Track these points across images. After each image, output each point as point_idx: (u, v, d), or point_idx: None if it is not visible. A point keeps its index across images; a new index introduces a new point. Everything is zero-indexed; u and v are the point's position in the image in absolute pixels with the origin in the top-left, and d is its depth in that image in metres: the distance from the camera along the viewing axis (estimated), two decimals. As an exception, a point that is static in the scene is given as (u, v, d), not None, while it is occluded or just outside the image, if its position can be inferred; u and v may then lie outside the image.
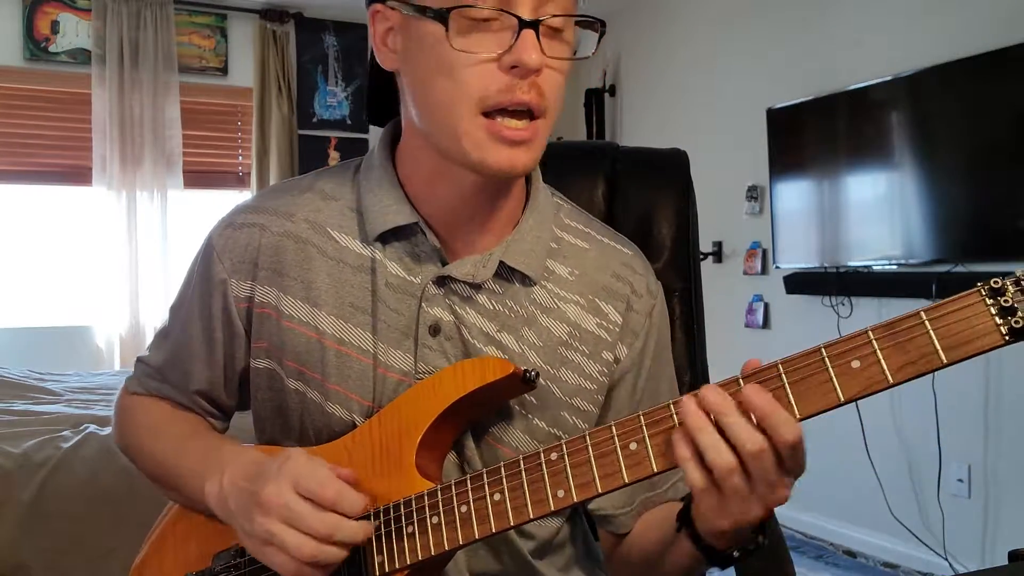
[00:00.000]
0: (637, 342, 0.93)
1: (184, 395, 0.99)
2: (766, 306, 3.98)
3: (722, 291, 3.98)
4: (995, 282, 0.63)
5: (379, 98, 0.95)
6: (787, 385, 0.67)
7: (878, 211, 3.37)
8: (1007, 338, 0.63)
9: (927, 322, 0.64)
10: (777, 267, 3.82)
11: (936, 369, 0.65)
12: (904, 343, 0.65)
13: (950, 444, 3.19)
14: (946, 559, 3.20)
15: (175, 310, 1.00)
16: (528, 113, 0.79)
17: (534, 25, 0.76)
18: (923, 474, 3.29)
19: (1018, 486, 3.03)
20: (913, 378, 0.66)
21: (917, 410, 3.25)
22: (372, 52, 0.88)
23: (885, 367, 0.65)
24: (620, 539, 0.96)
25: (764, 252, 3.99)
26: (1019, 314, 0.62)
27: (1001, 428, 3.07)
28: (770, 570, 1.09)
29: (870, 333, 0.66)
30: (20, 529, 2.09)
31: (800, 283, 3.68)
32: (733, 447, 0.67)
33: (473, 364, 0.84)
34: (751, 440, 0.67)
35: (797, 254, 3.73)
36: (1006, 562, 0.94)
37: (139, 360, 1.03)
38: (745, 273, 4.07)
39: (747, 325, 4.02)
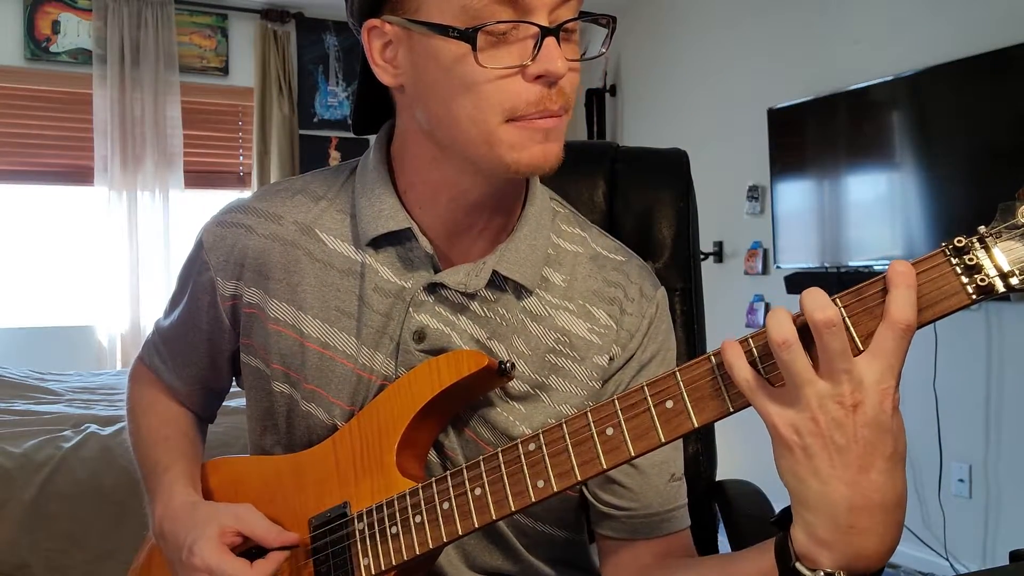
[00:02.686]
0: (632, 342, 0.92)
1: (178, 378, 1.03)
2: (767, 306, 3.98)
3: (723, 291, 3.98)
4: (959, 241, 0.61)
5: (367, 108, 0.94)
6: (758, 360, 0.66)
7: (879, 211, 3.37)
8: (974, 296, 0.61)
9: None
10: (778, 267, 3.82)
11: None
12: (873, 308, 0.63)
13: (951, 444, 3.19)
14: (947, 559, 3.20)
15: (179, 283, 1.02)
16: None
17: (555, 32, 0.76)
18: (924, 474, 3.29)
19: (1019, 486, 3.03)
20: None
21: (918, 410, 3.24)
22: (363, 64, 0.87)
23: (855, 335, 0.63)
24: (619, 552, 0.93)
25: (765, 252, 3.99)
26: (984, 272, 0.60)
27: (1002, 428, 3.07)
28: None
29: (838, 300, 0.64)
30: (21, 529, 2.09)
31: (801, 283, 3.68)
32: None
33: (448, 359, 0.84)
34: (820, 307, 0.62)
35: (798, 254, 3.73)
36: (1007, 562, 0.94)
37: (155, 324, 1.07)
38: (746, 273, 4.07)
39: (748, 325, 4.01)
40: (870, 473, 0.62)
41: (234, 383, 1.06)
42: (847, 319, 0.63)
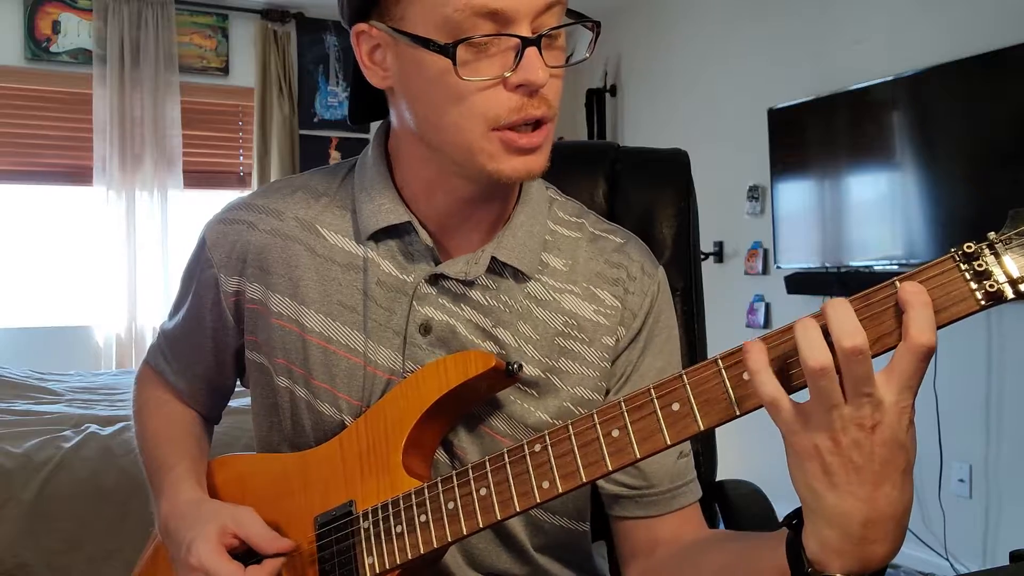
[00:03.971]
0: (636, 321, 0.93)
1: (184, 378, 1.04)
2: (767, 306, 3.98)
3: (723, 291, 3.98)
4: (968, 247, 0.61)
5: (363, 101, 0.95)
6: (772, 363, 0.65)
7: (879, 211, 3.37)
8: (983, 303, 0.60)
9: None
10: (778, 267, 3.82)
11: None
12: (880, 314, 0.63)
13: (951, 444, 3.19)
14: (947, 559, 3.20)
15: (183, 283, 1.02)
16: (537, 122, 0.80)
17: (536, 42, 0.76)
18: (924, 474, 3.29)
19: (1019, 486, 3.03)
20: (890, 350, 0.63)
21: (918, 410, 3.21)
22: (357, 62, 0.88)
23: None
24: (644, 537, 0.93)
25: (765, 252, 3.99)
26: (994, 278, 0.60)
27: (1002, 428, 3.07)
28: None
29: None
30: (22, 529, 2.09)
31: (801, 283, 3.68)
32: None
33: (455, 359, 0.84)
34: (850, 334, 0.60)
35: (798, 254, 3.73)
36: (1007, 562, 0.94)
37: (160, 327, 1.08)
38: (746, 273, 4.07)
39: (748, 325, 4.02)
40: (884, 487, 0.63)
41: (238, 384, 1.06)
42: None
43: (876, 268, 3.39)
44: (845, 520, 0.63)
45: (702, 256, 1.37)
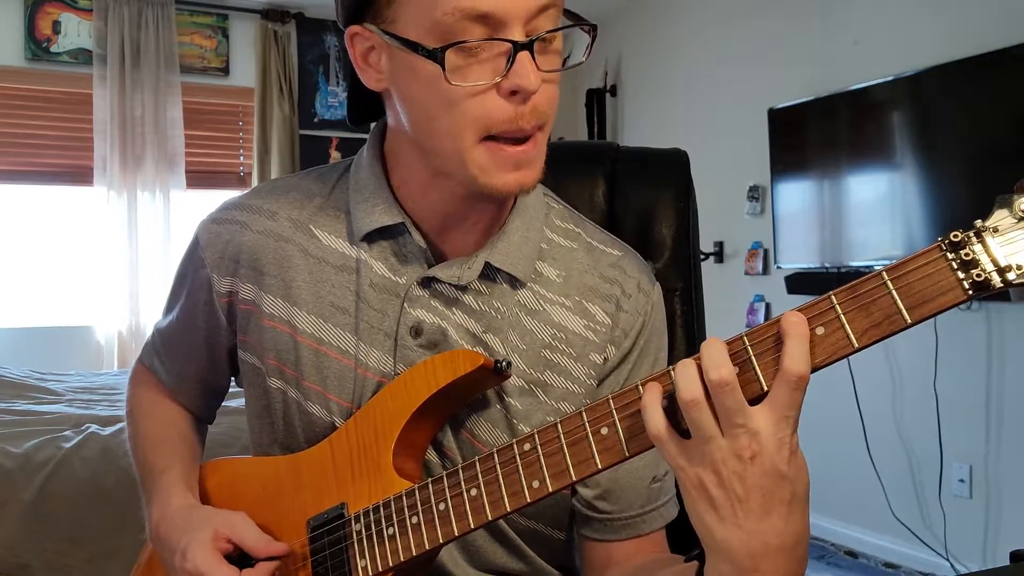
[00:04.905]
0: (626, 341, 0.92)
1: (177, 378, 1.03)
2: (767, 306, 3.98)
3: (723, 291, 3.98)
4: (955, 235, 0.60)
5: (361, 102, 0.94)
6: (753, 358, 0.65)
7: (879, 211, 3.37)
8: (970, 292, 0.59)
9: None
10: (778, 267, 3.82)
11: (900, 330, 0.62)
12: (868, 305, 0.62)
13: (952, 444, 3.19)
14: (948, 560, 3.20)
15: (176, 282, 1.02)
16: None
17: (528, 47, 0.75)
18: (925, 474, 3.29)
19: (1020, 486, 3.03)
20: (878, 341, 0.63)
21: (919, 410, 3.24)
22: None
23: (850, 331, 0.63)
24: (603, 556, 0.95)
25: (765, 252, 3.99)
26: (981, 267, 0.59)
27: (1003, 428, 3.07)
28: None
29: (833, 298, 0.63)
30: (22, 529, 2.09)
31: (801, 283, 3.68)
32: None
33: (443, 359, 0.84)
34: (715, 367, 0.63)
35: (798, 254, 3.73)
36: (1008, 562, 0.94)
37: (154, 326, 1.07)
38: (746, 273, 4.07)
39: (748, 325, 4.00)
40: (770, 518, 0.64)
41: (233, 383, 1.06)
42: (842, 316, 0.63)
43: (876, 268, 3.39)
44: (735, 554, 0.65)
45: (702, 256, 1.37)
